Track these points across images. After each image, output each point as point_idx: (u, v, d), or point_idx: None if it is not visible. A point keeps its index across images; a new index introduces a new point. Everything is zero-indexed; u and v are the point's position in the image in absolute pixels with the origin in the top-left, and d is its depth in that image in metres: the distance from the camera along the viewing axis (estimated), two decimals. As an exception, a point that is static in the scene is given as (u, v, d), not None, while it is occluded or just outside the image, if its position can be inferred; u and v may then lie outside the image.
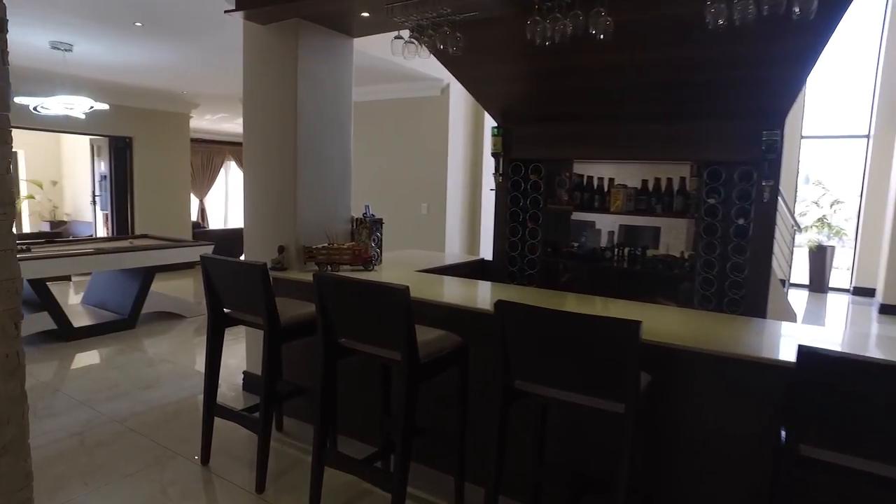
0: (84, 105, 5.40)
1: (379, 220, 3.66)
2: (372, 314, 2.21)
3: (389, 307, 2.11)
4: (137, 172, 8.35)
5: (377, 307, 2.18)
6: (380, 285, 2.14)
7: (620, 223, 4.50)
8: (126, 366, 4.37)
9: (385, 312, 2.16)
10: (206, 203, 12.68)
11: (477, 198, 6.86)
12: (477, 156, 6.81)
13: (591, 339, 1.74)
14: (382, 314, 2.17)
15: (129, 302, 5.28)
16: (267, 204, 3.54)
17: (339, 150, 3.65)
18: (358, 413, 3.11)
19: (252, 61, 3.57)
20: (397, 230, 6.31)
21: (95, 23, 4.47)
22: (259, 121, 3.57)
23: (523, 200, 4.16)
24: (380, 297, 2.15)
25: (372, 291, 2.18)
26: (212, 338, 2.77)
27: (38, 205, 10.64)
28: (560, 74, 3.53)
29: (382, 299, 2.14)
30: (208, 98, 8.24)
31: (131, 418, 3.40)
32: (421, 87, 6.37)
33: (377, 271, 3.42)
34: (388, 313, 2.13)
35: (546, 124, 4.02)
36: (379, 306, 2.17)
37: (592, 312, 2.13)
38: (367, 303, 2.21)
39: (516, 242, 4.20)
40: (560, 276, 4.24)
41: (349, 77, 3.72)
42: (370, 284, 2.17)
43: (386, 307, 2.14)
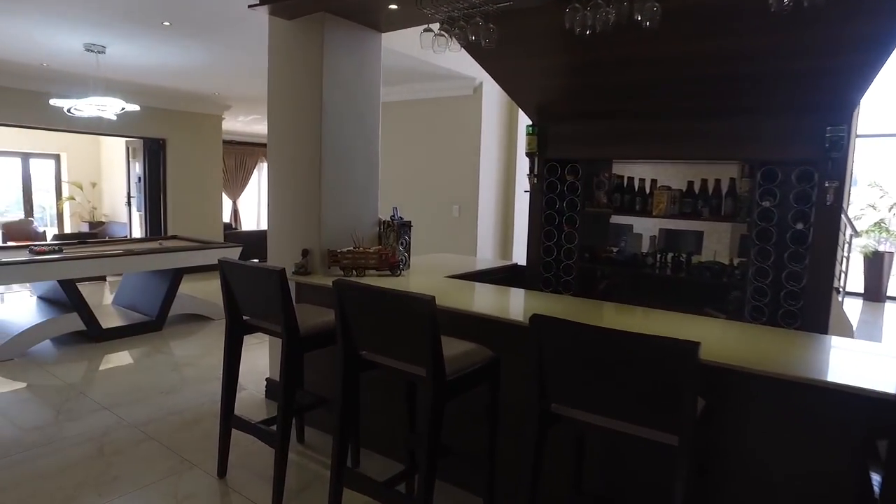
0: (115, 106, 5.41)
1: (407, 222, 3.49)
2: (395, 325, 2.04)
3: (413, 319, 1.94)
4: (170, 174, 8.41)
5: (401, 318, 2.01)
6: (403, 295, 1.96)
7: (661, 227, 4.24)
8: (150, 369, 4.31)
9: (409, 324, 1.98)
10: (239, 204, 12.77)
11: (510, 200, 6.65)
12: (510, 156, 6.61)
13: (640, 360, 1.53)
14: (406, 326, 2.00)
15: (158, 303, 5.25)
16: (291, 205, 3.42)
17: (365, 149, 3.51)
18: (382, 426, 2.94)
19: (277, 58, 3.46)
20: (427, 233, 6.15)
21: (125, 23, 4.44)
22: (283, 120, 3.45)
23: (559, 203, 3.93)
24: (403, 307, 1.98)
25: (395, 301, 2.00)
26: (229, 346, 2.64)
27: (79, 206, 10.86)
28: (600, 68, 3.31)
29: (406, 310, 1.97)
30: (240, 99, 8.24)
31: (151, 425, 3.31)
32: (453, 87, 6.20)
33: (404, 276, 3.26)
34: (412, 325, 1.96)
35: (584, 122, 3.79)
36: (402, 317, 2.00)
37: (633, 324, 1.91)
38: (390, 313, 2.03)
39: (551, 247, 3.98)
40: (597, 283, 4.00)
41: (377, 74, 3.56)
42: (393, 293, 1.99)
43: (410, 318, 1.96)
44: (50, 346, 4.80)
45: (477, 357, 2.21)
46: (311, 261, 3.25)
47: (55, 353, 4.65)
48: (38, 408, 3.55)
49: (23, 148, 10.52)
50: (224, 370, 2.65)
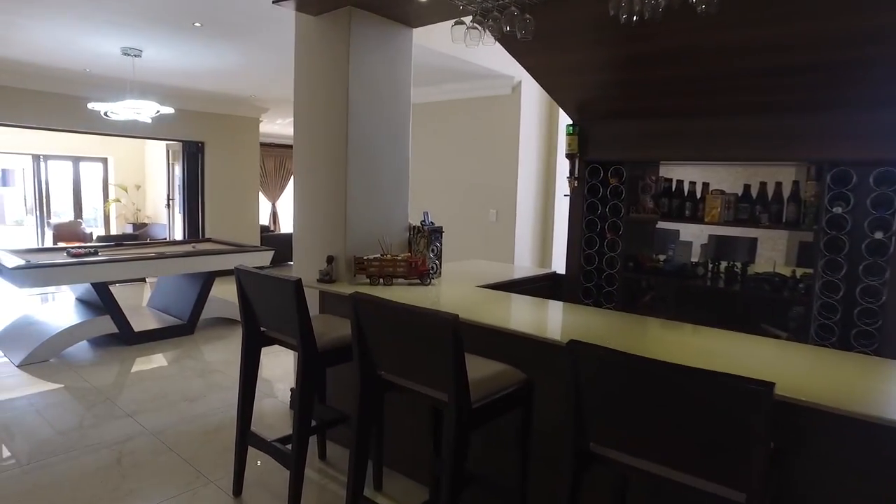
0: (150, 109, 5.41)
1: (438, 228, 3.30)
2: (415, 345, 1.84)
3: (435, 339, 1.73)
4: (208, 176, 8.47)
5: (421, 337, 1.81)
6: (423, 312, 1.77)
7: (710, 233, 3.92)
8: (177, 375, 4.24)
9: (430, 345, 1.78)
10: (278, 207, 12.85)
11: (549, 204, 6.38)
12: (550, 158, 6.34)
13: (698, 400, 1.28)
14: (427, 346, 1.80)
15: (189, 307, 5.22)
16: (315, 209, 3.27)
17: (395, 150, 3.33)
18: (407, 445, 2.75)
19: (302, 56, 3.32)
20: (463, 239, 5.94)
21: (158, 26, 4.41)
22: (308, 120, 3.30)
23: (602, 208, 3.67)
24: (423, 325, 1.78)
25: (414, 318, 1.81)
26: (246, 359, 2.50)
27: (124, 208, 11.11)
28: (647, 61, 3.04)
29: (426, 329, 1.77)
30: (277, 102, 8.23)
31: (172, 435, 3.21)
32: (490, 86, 5.98)
33: (434, 285, 3.06)
34: (434, 346, 1.75)
35: (629, 121, 3.52)
36: (423, 337, 1.80)
37: (683, 343, 1.67)
38: (410, 331, 1.84)
39: (593, 255, 3.72)
40: (642, 294, 3.71)
41: (407, 71, 3.39)
42: (412, 310, 1.80)
43: (431, 338, 1.76)
44: (86, 348, 4.81)
45: (507, 380, 2.00)
46: (336, 268, 3.10)
47: (89, 356, 4.65)
48: (64, 412, 3.50)
49: (73, 152, 10.84)
50: (240, 385, 2.51)
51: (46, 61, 5.80)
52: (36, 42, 5.05)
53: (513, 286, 3.39)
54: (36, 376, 4.16)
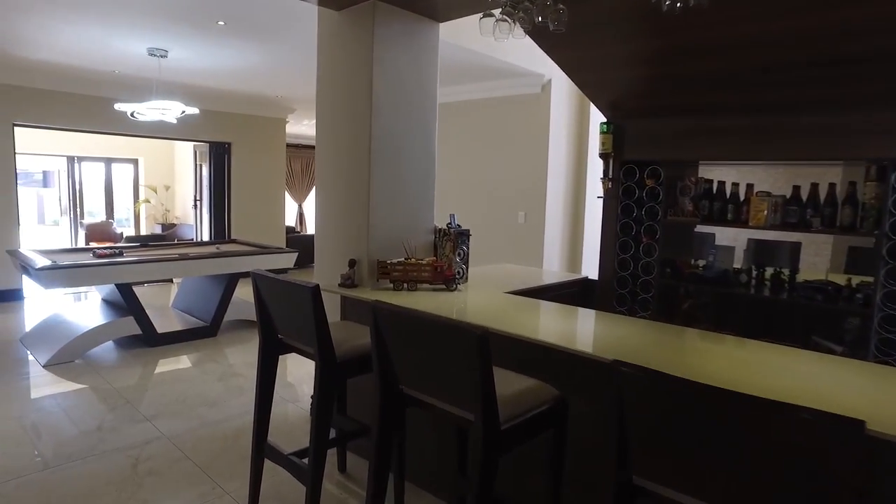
0: (176, 110, 5.39)
1: (465, 231, 3.15)
2: (440, 360, 1.70)
3: (461, 354, 1.59)
4: (235, 177, 8.47)
5: (446, 352, 1.66)
6: (449, 325, 1.62)
7: (749, 237, 3.70)
8: (197, 378, 4.18)
9: (456, 360, 1.63)
10: (304, 208, 12.86)
11: (580, 206, 6.18)
12: (581, 159, 6.14)
13: (766, 435, 1.10)
14: (453, 362, 1.65)
15: (212, 309, 5.17)
16: (338, 211, 3.15)
17: (420, 150, 3.20)
18: (430, 461, 2.61)
19: (325, 52, 3.21)
20: (490, 242, 5.78)
21: (182, 25, 4.36)
22: (331, 118, 3.19)
23: (637, 210, 3.48)
24: (449, 339, 1.63)
25: (439, 331, 1.66)
26: (263, 368, 2.39)
27: (153, 208, 11.24)
28: (689, 53, 2.85)
29: (452, 343, 1.62)
30: (303, 102, 8.19)
31: (189, 441, 3.13)
32: (519, 84, 5.82)
33: (461, 291, 2.92)
34: (460, 362, 1.61)
35: (667, 118, 3.33)
36: (448, 351, 1.65)
37: (726, 355, 1.50)
38: (434, 345, 1.69)
39: (628, 260, 3.53)
40: (680, 302, 3.50)
41: (434, 68, 3.25)
42: (437, 323, 1.65)
43: (456, 353, 1.62)
44: (110, 348, 4.80)
45: (539, 397, 1.84)
46: (359, 272, 2.97)
47: (113, 357, 4.63)
48: (84, 414, 3.46)
49: (105, 153, 11.01)
50: (257, 396, 2.39)
51: (77, 63, 5.84)
52: (67, 44, 5.08)
53: (542, 292, 3.23)
54: (60, 377, 4.15)
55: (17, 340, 4.98)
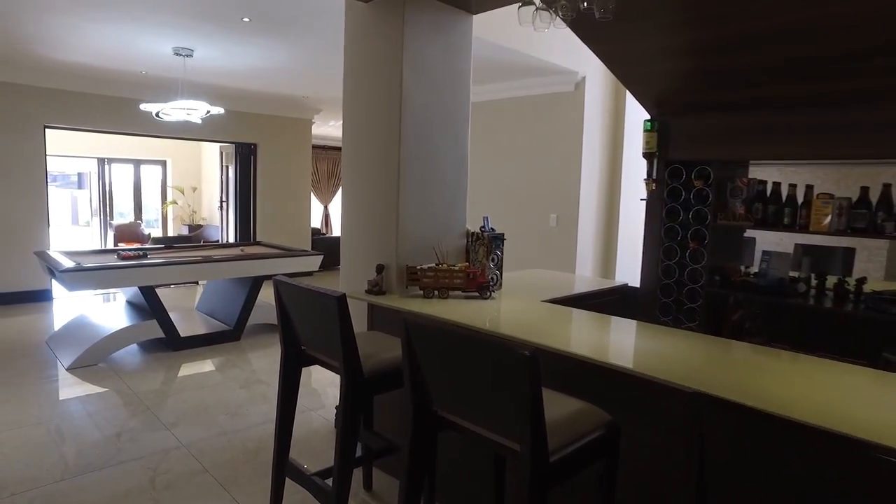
0: (201, 110, 5.31)
1: (499, 235, 2.97)
2: (481, 382, 1.51)
3: (506, 377, 1.40)
4: (260, 179, 8.41)
5: (489, 373, 1.47)
6: (492, 343, 1.43)
7: (797, 242, 3.44)
8: (221, 384, 4.06)
9: (500, 383, 1.45)
10: (330, 209, 12.80)
11: (614, 209, 5.93)
12: (615, 160, 5.89)
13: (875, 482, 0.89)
14: (496, 384, 1.46)
15: (236, 312, 5.07)
16: (365, 214, 2.99)
17: (453, 149, 3.02)
18: (464, 480, 2.42)
19: (352, 46, 3.06)
20: (520, 245, 5.56)
21: (207, 23, 4.27)
22: (358, 115, 3.04)
23: (683, 214, 3.25)
24: (492, 359, 1.45)
25: (481, 350, 1.47)
26: (285, 381, 2.23)
27: (181, 209, 11.29)
28: (741, 44, 2.62)
29: (496, 364, 1.44)
30: (330, 102, 8.09)
31: (209, 453, 3.00)
32: (552, 82, 5.60)
33: (495, 299, 2.73)
34: (505, 385, 1.42)
35: (717, 115, 3.10)
36: (491, 373, 1.46)
37: (805, 380, 1.30)
38: (475, 365, 1.51)
39: (672, 266, 3.30)
40: (729, 312, 3.25)
41: (467, 62, 3.07)
42: (479, 340, 1.47)
43: (501, 376, 1.43)
44: (134, 351, 4.73)
45: (589, 423, 1.64)
46: (387, 278, 2.80)
47: (136, 360, 4.55)
48: (104, 421, 3.36)
49: (134, 155, 11.10)
50: (278, 411, 2.24)
51: (105, 64, 5.82)
52: (95, 45, 5.04)
53: (580, 300, 3.03)
54: (83, 380, 4.08)
55: (44, 342, 4.95)
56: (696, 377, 1.60)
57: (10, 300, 6.41)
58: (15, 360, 4.47)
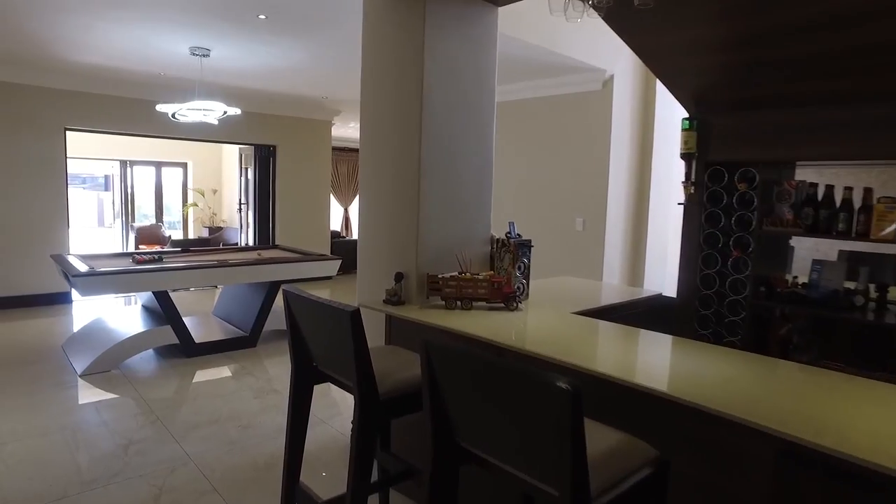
0: (217, 110, 5.21)
1: (526, 241, 2.77)
2: (513, 415, 1.32)
3: (543, 413, 1.21)
4: (279, 181, 8.32)
5: (522, 407, 1.28)
6: (527, 374, 1.24)
7: (841, 249, 3.19)
8: (234, 394, 3.92)
9: (535, 418, 1.25)
10: (351, 212, 12.69)
11: (643, 213, 5.68)
12: (644, 161, 5.65)
13: None
14: (530, 419, 1.27)
15: (252, 318, 4.94)
16: (383, 218, 2.82)
17: (477, 151, 2.83)
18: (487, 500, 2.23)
19: (371, 41, 2.89)
20: (545, 250, 5.35)
21: (223, 21, 4.15)
22: (377, 116, 2.86)
23: (725, 219, 3.01)
24: (527, 392, 1.25)
25: (513, 380, 1.28)
26: (295, 400, 2.06)
27: (201, 212, 11.28)
28: (789, 34, 2.40)
29: (532, 397, 1.24)
30: (349, 104, 7.97)
31: (218, 470, 2.85)
32: (578, 81, 5.38)
33: (521, 311, 2.53)
34: (541, 421, 1.23)
35: (762, 112, 2.86)
36: (525, 406, 1.27)
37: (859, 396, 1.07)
38: (506, 397, 1.31)
39: (712, 276, 3.06)
40: (776, 326, 3.01)
41: (492, 58, 2.88)
42: (511, 370, 1.27)
43: (537, 411, 1.23)
44: (148, 357, 4.63)
45: (634, 459, 1.44)
46: (406, 287, 2.62)
47: (149, 367, 4.44)
48: (113, 433, 3.24)
49: (156, 157, 11.12)
50: (287, 431, 2.07)
51: (123, 66, 5.76)
52: (112, 45, 4.97)
53: (611, 312, 2.82)
54: (95, 387, 3.98)
55: (60, 346, 4.88)
56: (762, 409, 1.38)
57: (29, 303, 6.39)
58: (30, 365, 4.40)
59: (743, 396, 1.53)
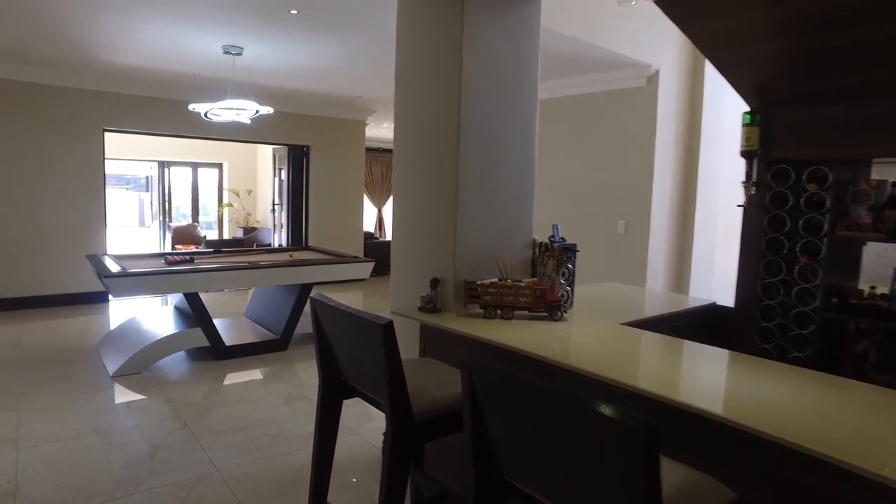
0: (250, 110, 5.13)
1: (571, 246, 2.56)
2: (570, 453, 1.12)
3: (609, 454, 1.01)
4: (313, 181, 8.26)
5: (583, 445, 1.08)
6: (591, 405, 1.05)
7: None
8: (262, 400, 3.81)
9: (599, 458, 1.06)
10: (384, 212, 12.61)
11: (688, 215, 5.39)
12: (690, 161, 5.35)
13: None
14: (593, 459, 1.07)
15: (283, 321, 4.84)
16: (419, 221, 2.65)
17: (518, 147, 2.64)
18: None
19: (406, 32, 2.73)
20: (583, 254, 5.12)
21: (255, 18, 4.06)
22: (412, 111, 2.70)
23: (791, 222, 2.74)
24: (590, 428, 1.06)
25: (577, 413, 1.09)
26: (322, 415, 1.91)
27: (236, 212, 11.35)
28: (865, 15, 2.13)
29: (596, 434, 1.05)
30: (383, 103, 7.85)
31: (244, 482, 2.72)
32: (621, 77, 5.13)
33: (566, 321, 2.33)
34: (606, 462, 1.03)
35: (836, 104, 2.60)
36: (586, 444, 1.08)
37: None
38: (562, 432, 1.12)
39: (776, 286, 2.80)
40: (850, 342, 2.72)
41: (534, 49, 2.69)
42: (573, 401, 1.09)
43: (602, 451, 1.04)
44: (181, 358, 4.58)
45: (710, 501, 1.23)
46: (443, 294, 2.45)
47: (180, 370, 4.39)
48: (139, 439, 3.16)
49: (192, 158, 11.25)
50: (314, 450, 1.92)
51: (157, 66, 5.76)
52: (146, 45, 4.95)
53: (663, 323, 2.60)
54: (125, 389, 3.93)
55: (94, 346, 4.88)
56: (869, 450, 1.16)
57: (67, 301, 6.46)
58: (64, 365, 4.39)
59: (839, 431, 1.31)
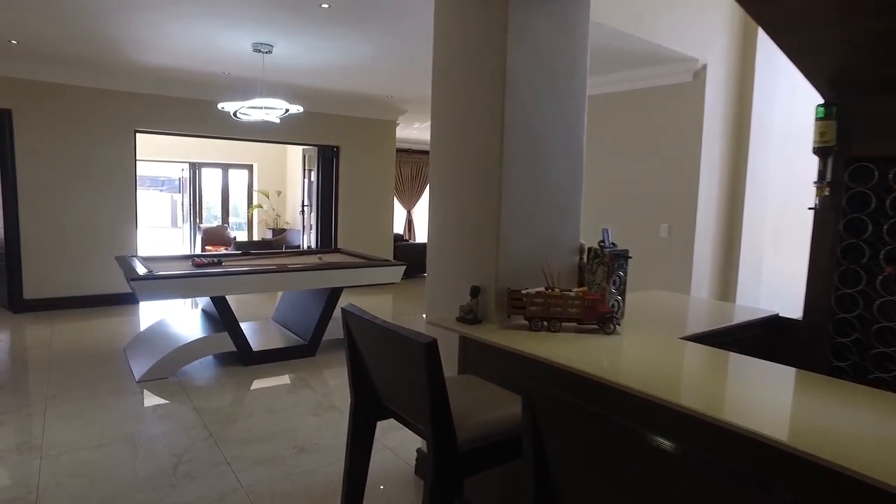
0: (279, 109, 5.02)
1: (622, 252, 2.34)
2: None
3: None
4: (342, 182, 8.14)
5: (687, 498, 0.87)
6: (709, 463, 0.83)
7: None
8: (290, 409, 3.66)
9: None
10: (414, 214, 12.47)
11: (736, 219, 5.08)
12: (739, 161, 5.05)
13: None
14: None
15: (311, 326, 4.71)
16: (458, 225, 2.46)
17: (566, 146, 2.43)
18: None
19: (444, 20, 2.54)
20: (625, 258, 4.87)
21: (285, 12, 3.93)
22: (451, 107, 2.51)
23: (873, 227, 2.47)
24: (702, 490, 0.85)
25: (673, 464, 0.88)
26: (354, 437, 1.73)
27: (265, 213, 11.34)
28: None
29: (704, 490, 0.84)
30: (415, 103, 7.69)
31: (268, 499, 2.57)
32: (666, 72, 4.86)
33: (619, 334, 2.11)
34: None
35: (925, 96, 2.31)
36: (689, 497, 0.86)
37: None
38: (657, 488, 0.91)
39: (853, 296, 2.52)
40: (938, 360, 2.43)
41: (584, 39, 2.49)
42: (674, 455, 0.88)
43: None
44: (208, 363, 4.49)
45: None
46: (483, 303, 2.25)
47: (207, 375, 4.28)
48: (162, 449, 3.04)
49: (223, 159, 11.28)
50: (345, 472, 1.74)
51: (188, 65, 5.70)
52: (176, 44, 4.88)
53: (724, 336, 2.38)
54: (151, 395, 3.83)
55: (121, 349, 4.82)
56: None
57: (98, 302, 6.45)
58: (92, 368, 4.32)
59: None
